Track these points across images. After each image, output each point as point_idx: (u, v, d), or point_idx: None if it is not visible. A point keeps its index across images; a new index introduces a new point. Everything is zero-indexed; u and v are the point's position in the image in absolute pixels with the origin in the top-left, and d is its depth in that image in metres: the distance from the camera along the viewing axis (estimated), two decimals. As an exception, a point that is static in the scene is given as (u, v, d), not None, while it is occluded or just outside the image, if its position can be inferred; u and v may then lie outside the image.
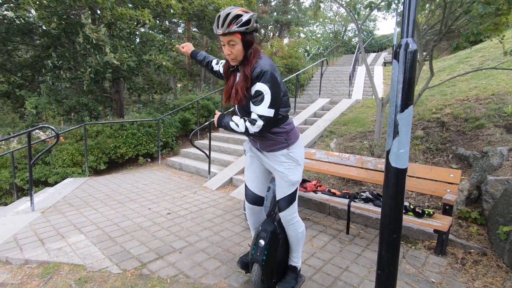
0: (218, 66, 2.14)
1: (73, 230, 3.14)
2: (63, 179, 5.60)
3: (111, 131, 6.59)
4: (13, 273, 2.39)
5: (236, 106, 1.89)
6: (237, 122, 1.77)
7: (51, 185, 5.65)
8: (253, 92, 1.71)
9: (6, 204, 5.82)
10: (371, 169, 3.22)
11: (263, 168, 2.04)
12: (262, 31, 21.10)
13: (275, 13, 18.57)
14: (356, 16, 4.92)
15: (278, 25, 19.32)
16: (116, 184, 4.96)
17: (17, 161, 5.99)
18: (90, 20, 6.88)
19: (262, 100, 1.67)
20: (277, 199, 1.96)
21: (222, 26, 1.62)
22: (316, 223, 3.34)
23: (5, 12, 7.14)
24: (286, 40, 18.26)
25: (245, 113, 1.83)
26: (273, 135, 1.84)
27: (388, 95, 4.32)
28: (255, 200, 2.06)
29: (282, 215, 1.96)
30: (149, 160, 7.03)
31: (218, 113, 1.93)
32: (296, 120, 6.93)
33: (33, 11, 6.58)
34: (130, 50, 6.88)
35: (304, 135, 5.90)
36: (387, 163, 1.33)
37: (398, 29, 12.28)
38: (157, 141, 7.01)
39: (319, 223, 3.32)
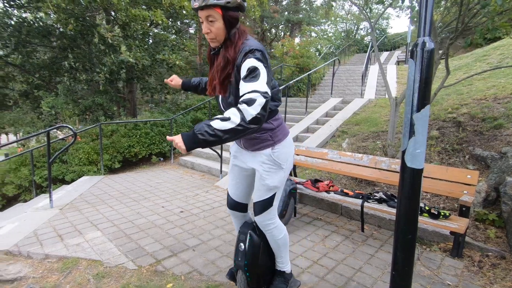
0: None
1: (90, 226, 3.23)
2: (79, 177, 5.76)
3: (125, 131, 6.73)
4: (34, 267, 2.48)
5: (220, 99, 1.67)
6: (224, 117, 1.28)
7: (68, 182, 5.82)
8: (244, 70, 1.41)
9: (25, 201, 6.04)
10: (384, 170, 3.18)
11: (244, 174, 1.86)
12: (273, 30, 21.07)
13: (286, 12, 18.49)
14: (368, 13, 4.85)
15: (290, 25, 19.24)
16: (130, 182, 5.06)
17: (36, 160, 6.18)
18: (104, 21, 7.06)
19: (259, 75, 1.37)
20: (253, 201, 1.79)
21: None
22: (329, 223, 3.32)
23: (24, 15, 7.38)
24: (297, 40, 18.18)
25: (230, 106, 1.55)
26: (257, 132, 1.61)
27: (402, 95, 4.26)
28: (234, 206, 1.91)
29: (256, 219, 1.78)
30: (162, 159, 7.14)
31: (177, 137, 1.29)
32: (308, 119, 6.90)
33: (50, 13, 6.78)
34: (144, 50, 7.01)
35: (316, 135, 5.87)
36: (403, 163, 1.32)
37: (412, 27, 12.05)
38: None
39: (332, 223, 3.31)
